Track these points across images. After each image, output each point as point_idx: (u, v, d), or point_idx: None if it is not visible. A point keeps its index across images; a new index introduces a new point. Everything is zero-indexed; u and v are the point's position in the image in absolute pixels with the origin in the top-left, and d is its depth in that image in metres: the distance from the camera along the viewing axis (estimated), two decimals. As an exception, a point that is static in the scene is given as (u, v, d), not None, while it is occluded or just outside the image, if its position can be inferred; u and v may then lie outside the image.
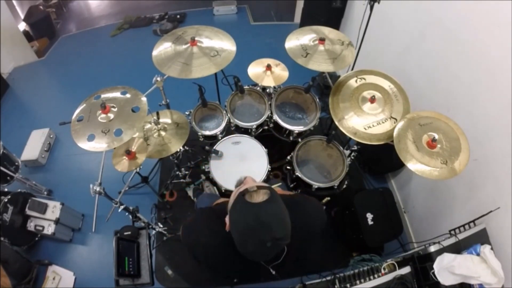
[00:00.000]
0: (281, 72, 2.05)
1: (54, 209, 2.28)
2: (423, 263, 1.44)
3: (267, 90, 2.17)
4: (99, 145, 1.41)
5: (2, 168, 2.26)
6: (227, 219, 0.94)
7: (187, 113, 2.09)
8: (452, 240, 1.47)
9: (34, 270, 2.18)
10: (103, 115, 1.49)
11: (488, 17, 1.52)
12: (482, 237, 1.49)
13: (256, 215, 0.84)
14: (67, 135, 1.52)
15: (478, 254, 1.40)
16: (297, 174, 1.90)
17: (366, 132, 1.67)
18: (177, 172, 2.46)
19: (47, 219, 2.25)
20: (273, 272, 1.04)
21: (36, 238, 2.36)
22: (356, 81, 1.82)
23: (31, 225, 2.23)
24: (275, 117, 2.04)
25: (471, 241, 1.46)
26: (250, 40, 4.09)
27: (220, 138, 2.06)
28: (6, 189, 2.33)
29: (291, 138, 2.10)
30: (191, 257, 1.14)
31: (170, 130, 1.95)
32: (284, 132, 2.09)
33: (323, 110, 2.21)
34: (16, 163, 2.46)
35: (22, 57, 4.17)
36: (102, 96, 1.58)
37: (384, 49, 2.56)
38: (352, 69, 2.14)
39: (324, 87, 3.09)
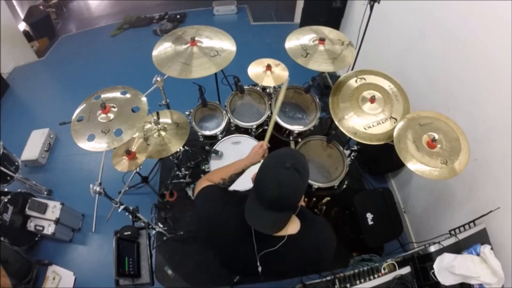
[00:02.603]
0: (281, 72, 2.05)
1: (54, 209, 2.28)
2: (423, 263, 1.45)
3: (267, 90, 2.17)
4: (99, 145, 1.41)
5: (2, 168, 2.26)
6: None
7: (187, 113, 2.09)
8: (452, 240, 1.47)
9: (34, 270, 2.18)
10: (103, 115, 1.49)
11: (488, 17, 1.52)
12: (482, 237, 1.49)
13: (289, 149, 0.99)
14: (67, 135, 1.52)
15: (478, 254, 1.40)
16: (297, 174, 1.90)
17: (366, 132, 1.67)
18: (177, 172, 2.46)
19: (47, 219, 2.25)
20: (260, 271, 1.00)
21: (36, 238, 2.36)
22: (356, 81, 1.82)
23: (31, 225, 2.23)
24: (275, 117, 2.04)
25: (471, 241, 1.47)
26: (250, 40, 4.09)
27: (220, 138, 2.06)
28: (6, 189, 2.33)
29: (291, 138, 2.10)
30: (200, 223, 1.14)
31: (170, 130, 1.95)
32: (284, 132, 2.09)
33: (323, 110, 2.21)
34: (16, 163, 2.46)
35: (22, 57, 4.17)
36: (102, 96, 1.59)
37: (384, 49, 2.56)
38: (352, 69, 2.14)
39: (324, 87, 3.09)
